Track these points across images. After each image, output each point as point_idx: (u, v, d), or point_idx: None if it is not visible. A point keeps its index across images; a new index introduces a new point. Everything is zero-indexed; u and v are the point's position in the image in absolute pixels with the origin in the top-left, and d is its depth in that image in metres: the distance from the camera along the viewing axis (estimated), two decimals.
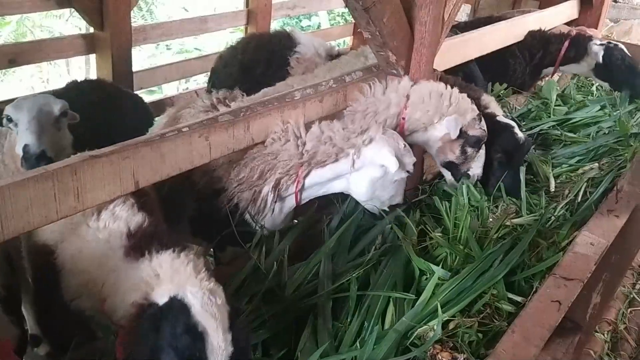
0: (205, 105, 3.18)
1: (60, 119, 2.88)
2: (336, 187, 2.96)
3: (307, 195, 2.98)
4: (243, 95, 3.30)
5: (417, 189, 3.58)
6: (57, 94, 4.24)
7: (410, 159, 2.87)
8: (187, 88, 9.41)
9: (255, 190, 2.92)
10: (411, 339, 2.40)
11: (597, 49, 4.91)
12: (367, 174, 2.84)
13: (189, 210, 3.12)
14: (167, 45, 12.18)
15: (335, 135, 2.88)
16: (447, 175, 3.51)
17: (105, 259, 2.15)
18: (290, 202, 2.99)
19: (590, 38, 5.05)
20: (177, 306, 1.84)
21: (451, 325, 2.45)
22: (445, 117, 3.21)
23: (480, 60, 4.82)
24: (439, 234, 3.05)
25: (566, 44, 5.06)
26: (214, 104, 3.18)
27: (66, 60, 10.75)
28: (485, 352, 2.37)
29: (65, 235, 2.32)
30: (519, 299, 2.65)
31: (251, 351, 2.27)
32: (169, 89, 9.81)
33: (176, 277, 1.94)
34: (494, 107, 3.82)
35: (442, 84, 3.32)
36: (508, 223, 3.15)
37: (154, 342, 1.80)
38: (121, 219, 2.27)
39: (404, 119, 3.21)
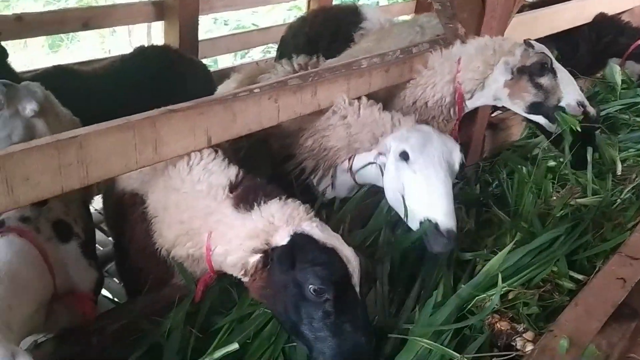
0: (286, 71, 3.19)
1: None
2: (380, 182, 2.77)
3: (361, 179, 2.91)
4: (325, 61, 3.30)
5: (478, 165, 3.56)
6: (125, 59, 4.42)
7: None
8: (240, 63, 9.52)
9: (318, 162, 2.96)
10: (468, 307, 2.41)
11: None
12: (387, 163, 2.67)
13: (267, 171, 3.17)
14: (225, 21, 12.31)
15: (379, 121, 2.78)
16: (541, 120, 3.16)
17: (209, 210, 2.22)
18: (349, 179, 2.96)
19: None
20: (301, 238, 2.00)
21: (510, 296, 2.44)
22: (496, 65, 3.07)
23: (547, 39, 4.68)
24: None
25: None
26: (296, 70, 3.18)
27: (128, 30, 11.04)
28: (544, 325, 2.35)
29: (155, 187, 2.40)
30: (580, 277, 2.62)
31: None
32: (223, 63, 9.91)
33: (290, 220, 2.07)
34: None
35: (486, 37, 3.19)
36: (572, 202, 3.09)
37: (295, 274, 1.94)
38: (217, 172, 2.32)
39: (459, 83, 3.13)
